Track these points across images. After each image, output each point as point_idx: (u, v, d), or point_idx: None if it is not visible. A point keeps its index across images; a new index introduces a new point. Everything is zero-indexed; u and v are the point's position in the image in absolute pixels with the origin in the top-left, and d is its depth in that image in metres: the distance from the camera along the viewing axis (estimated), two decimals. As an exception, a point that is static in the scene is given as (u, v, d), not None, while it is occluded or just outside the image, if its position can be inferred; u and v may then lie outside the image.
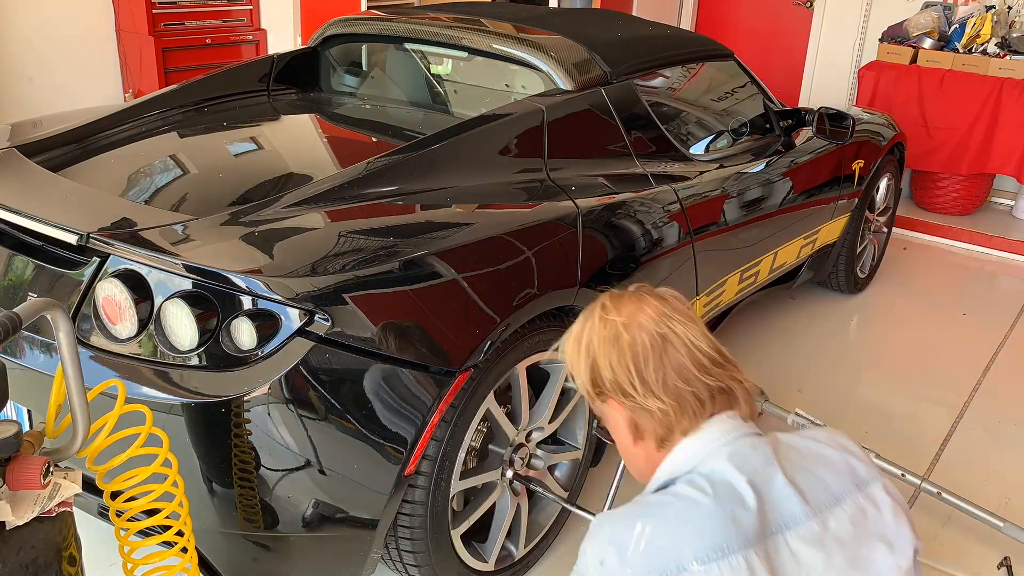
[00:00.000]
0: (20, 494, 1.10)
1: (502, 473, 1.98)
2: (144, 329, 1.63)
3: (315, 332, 1.59)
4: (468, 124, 2.19)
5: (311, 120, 2.73)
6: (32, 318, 1.10)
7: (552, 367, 2.05)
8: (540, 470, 2.08)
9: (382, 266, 1.70)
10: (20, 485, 1.09)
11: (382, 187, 1.96)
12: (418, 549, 1.81)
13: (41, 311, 1.13)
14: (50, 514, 1.12)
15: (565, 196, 2.16)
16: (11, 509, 1.08)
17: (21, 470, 1.09)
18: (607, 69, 2.53)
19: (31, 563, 1.08)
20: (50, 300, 1.15)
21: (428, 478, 1.75)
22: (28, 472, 1.09)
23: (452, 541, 1.87)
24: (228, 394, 1.56)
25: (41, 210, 1.77)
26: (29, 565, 1.08)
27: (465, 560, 1.93)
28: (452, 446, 1.77)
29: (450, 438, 1.75)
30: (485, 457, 1.98)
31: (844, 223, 3.61)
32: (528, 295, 1.90)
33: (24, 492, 1.10)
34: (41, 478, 1.09)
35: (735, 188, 2.77)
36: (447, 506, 1.82)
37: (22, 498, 1.10)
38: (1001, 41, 4.78)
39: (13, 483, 1.08)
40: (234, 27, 5.75)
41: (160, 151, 2.30)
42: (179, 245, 1.66)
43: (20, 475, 1.09)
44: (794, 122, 3.26)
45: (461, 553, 1.91)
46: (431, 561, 1.84)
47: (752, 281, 3.01)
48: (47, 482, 1.11)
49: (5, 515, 1.07)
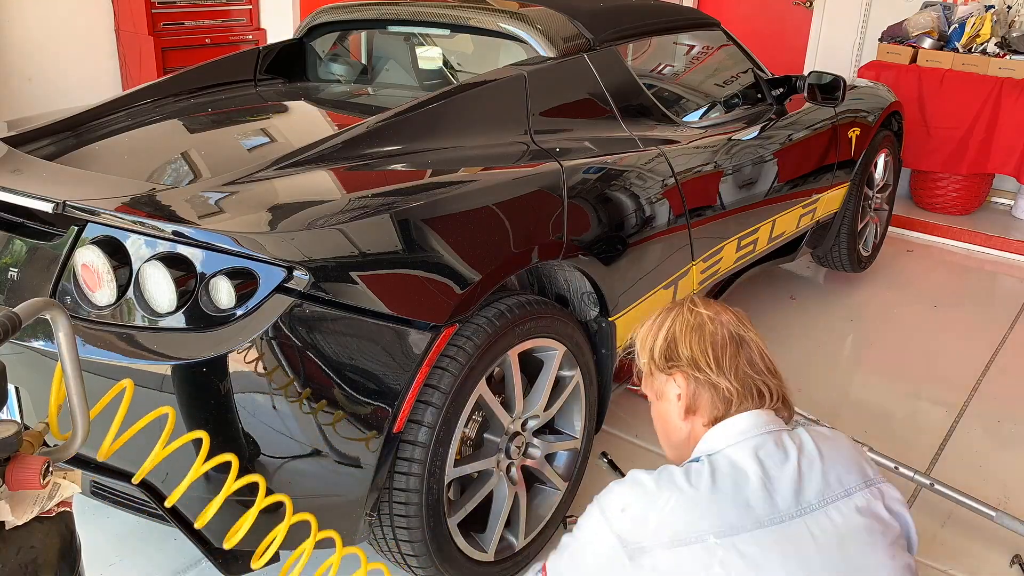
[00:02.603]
0: (19, 494, 1.09)
1: (497, 462, 1.99)
2: (123, 295, 1.63)
3: (295, 288, 1.58)
4: (448, 92, 2.20)
5: (295, 105, 2.76)
6: (31, 318, 1.10)
7: (546, 355, 2.06)
8: (537, 459, 2.08)
9: (362, 222, 1.70)
10: (20, 485, 1.09)
11: (362, 151, 1.97)
12: (415, 538, 1.81)
13: (41, 310, 1.13)
14: (49, 514, 1.12)
15: (549, 158, 2.17)
16: (10, 509, 1.08)
17: (21, 470, 1.09)
18: (590, 36, 2.57)
19: (31, 563, 1.08)
20: (50, 300, 1.15)
21: (422, 465, 1.75)
22: (28, 472, 1.09)
23: (449, 530, 1.88)
24: (209, 354, 1.56)
25: (17, 183, 1.77)
26: (29, 565, 1.08)
27: (464, 550, 1.93)
28: (445, 432, 1.77)
29: (443, 424, 1.75)
30: (480, 446, 1.98)
31: (843, 194, 3.64)
32: (513, 252, 1.91)
33: (24, 492, 1.10)
34: (41, 478, 1.09)
35: (725, 154, 2.80)
36: (442, 494, 1.82)
37: (21, 498, 1.10)
38: (1001, 41, 4.78)
39: (13, 483, 1.08)
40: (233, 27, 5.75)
41: (142, 134, 2.31)
42: (156, 208, 1.66)
43: (20, 475, 1.09)
44: (786, 90, 3.31)
45: (459, 543, 1.91)
46: (428, 550, 1.84)
47: (751, 250, 3.04)
48: (47, 482, 1.11)
49: (5, 515, 1.07)
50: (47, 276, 1.71)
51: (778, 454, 1.31)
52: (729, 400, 1.37)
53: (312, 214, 1.68)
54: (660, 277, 2.47)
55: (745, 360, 1.39)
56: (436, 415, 1.74)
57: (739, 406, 1.37)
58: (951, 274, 4.43)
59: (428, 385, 1.74)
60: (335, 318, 1.62)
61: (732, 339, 1.40)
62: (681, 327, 1.43)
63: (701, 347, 1.39)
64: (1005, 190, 5.32)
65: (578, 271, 2.20)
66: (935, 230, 4.88)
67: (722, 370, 1.37)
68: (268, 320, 1.57)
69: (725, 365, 1.38)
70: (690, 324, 1.42)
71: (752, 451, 1.31)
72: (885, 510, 1.31)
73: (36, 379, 1.74)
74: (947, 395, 3.14)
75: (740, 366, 1.38)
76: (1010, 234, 4.81)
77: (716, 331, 1.41)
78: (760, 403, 1.38)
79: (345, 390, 1.63)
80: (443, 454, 1.78)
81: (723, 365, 1.38)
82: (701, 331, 1.41)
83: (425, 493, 1.77)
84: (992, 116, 4.70)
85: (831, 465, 1.31)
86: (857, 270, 4.10)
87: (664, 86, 2.99)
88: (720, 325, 1.42)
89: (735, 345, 1.40)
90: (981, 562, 2.29)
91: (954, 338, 3.63)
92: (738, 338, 1.41)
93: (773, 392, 1.39)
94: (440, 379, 1.76)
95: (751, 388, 1.37)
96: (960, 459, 2.74)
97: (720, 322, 1.42)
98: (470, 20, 2.62)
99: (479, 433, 1.98)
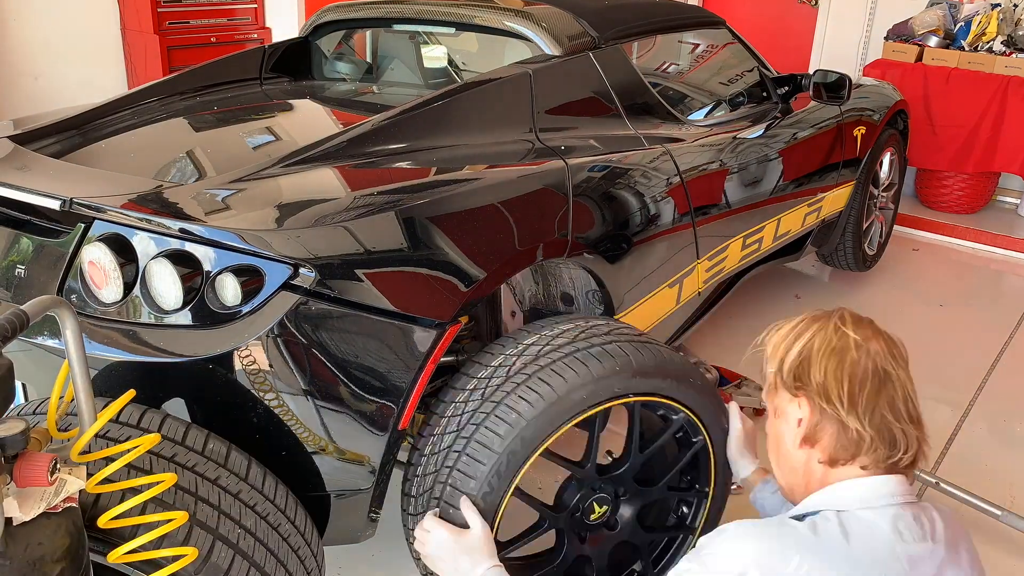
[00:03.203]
0: (27, 490, 1.10)
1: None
2: (130, 292, 1.64)
3: (301, 286, 1.59)
4: (454, 90, 2.21)
5: (300, 103, 2.76)
6: (39, 315, 1.11)
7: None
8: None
9: (367, 219, 1.70)
10: (27, 482, 1.09)
11: (367, 148, 1.97)
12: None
13: (48, 308, 1.13)
14: (56, 509, 1.13)
15: (554, 155, 2.17)
16: (18, 505, 1.08)
17: (28, 467, 1.09)
18: (595, 35, 2.56)
19: (39, 559, 1.08)
20: (57, 297, 1.16)
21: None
22: (35, 469, 1.10)
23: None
24: (215, 351, 1.57)
25: (24, 181, 1.78)
26: (37, 561, 1.08)
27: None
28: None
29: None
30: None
31: (848, 193, 3.63)
32: (518, 249, 1.91)
33: (31, 488, 1.10)
34: (48, 475, 1.10)
35: (730, 152, 2.79)
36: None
37: (29, 494, 1.10)
38: (1007, 39, 4.76)
39: (20, 480, 1.09)
40: (239, 25, 5.77)
41: (148, 132, 2.32)
42: (163, 205, 1.67)
43: (27, 472, 1.09)
44: (791, 88, 3.30)
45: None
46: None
47: (756, 248, 3.04)
48: (54, 479, 1.11)
49: (12, 511, 1.08)
50: (54, 273, 1.71)
51: (917, 530, 1.18)
52: (857, 444, 1.22)
53: (318, 212, 1.68)
54: (665, 275, 2.47)
55: (886, 402, 1.22)
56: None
57: (867, 455, 1.22)
58: (956, 273, 4.42)
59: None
60: (341, 315, 1.62)
61: (876, 374, 1.23)
62: (820, 345, 1.27)
63: (837, 376, 1.23)
64: (1011, 188, 5.31)
65: (583, 269, 2.20)
66: (941, 229, 4.87)
67: (855, 408, 1.21)
68: (274, 317, 1.57)
69: (860, 404, 1.21)
70: (831, 345, 1.26)
71: (892, 520, 1.17)
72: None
73: (41, 376, 1.75)
74: (953, 394, 3.13)
75: (878, 408, 1.22)
76: (1016, 233, 4.80)
77: (859, 360, 1.24)
78: (890, 454, 1.22)
79: (350, 387, 1.64)
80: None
81: (857, 403, 1.21)
82: (842, 357, 1.24)
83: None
84: (998, 114, 4.69)
85: (956, 554, 1.22)
86: (862, 269, 4.10)
87: (669, 84, 2.99)
88: (866, 355, 1.24)
89: (877, 383, 1.22)
90: (985, 562, 2.28)
91: (960, 337, 3.62)
92: (883, 374, 1.23)
93: (910, 445, 1.22)
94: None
95: (885, 435, 1.21)
96: (966, 458, 2.74)
97: (867, 351, 1.24)
98: (475, 18, 2.62)
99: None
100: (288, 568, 1.48)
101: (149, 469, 1.37)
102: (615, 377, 1.70)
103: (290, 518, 1.54)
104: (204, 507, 1.37)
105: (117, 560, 1.23)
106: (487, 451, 1.62)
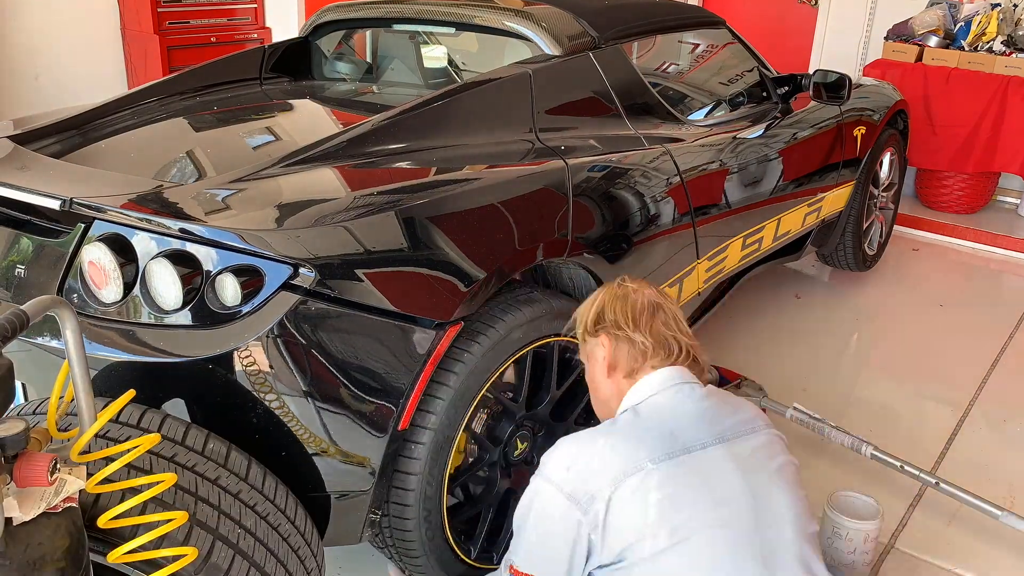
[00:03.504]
0: (27, 490, 1.10)
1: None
2: (130, 292, 1.64)
3: (301, 285, 1.59)
4: (453, 90, 2.21)
5: (300, 104, 2.76)
6: (39, 315, 1.11)
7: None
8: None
9: (367, 219, 1.70)
10: (27, 482, 1.09)
11: (367, 148, 1.98)
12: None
13: (48, 308, 1.13)
14: (56, 509, 1.13)
15: (554, 155, 2.18)
16: (18, 505, 1.08)
17: (28, 467, 1.09)
18: (595, 35, 2.57)
19: (39, 559, 1.09)
20: (57, 298, 1.16)
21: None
22: (35, 469, 1.10)
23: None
24: (215, 351, 1.57)
25: (24, 181, 1.78)
26: (37, 561, 1.08)
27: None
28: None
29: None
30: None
31: (848, 193, 3.63)
32: (518, 249, 1.91)
33: (31, 488, 1.10)
34: (48, 475, 1.10)
35: (730, 152, 2.79)
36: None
37: (28, 494, 1.10)
38: (1007, 39, 4.76)
39: (20, 480, 1.09)
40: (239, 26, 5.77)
41: (148, 132, 2.32)
42: (162, 205, 1.67)
43: (27, 472, 1.09)
44: (791, 88, 3.31)
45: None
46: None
47: (756, 248, 3.04)
48: (54, 479, 1.11)
49: (12, 511, 1.08)
50: (54, 273, 1.71)
51: (694, 396, 1.56)
52: (645, 352, 1.59)
53: (318, 211, 1.68)
54: (665, 275, 2.47)
55: (660, 322, 1.62)
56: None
57: (653, 358, 1.59)
58: (957, 273, 4.42)
59: None
60: (341, 315, 1.62)
61: (650, 305, 1.63)
62: (609, 296, 1.66)
63: (623, 310, 1.62)
64: (1011, 188, 5.31)
65: (583, 269, 2.20)
66: (941, 229, 4.87)
67: (639, 327, 1.60)
68: (274, 317, 1.57)
69: (642, 324, 1.60)
70: (616, 295, 1.66)
71: (671, 395, 1.55)
72: (781, 452, 1.59)
73: (39, 376, 1.75)
74: (953, 394, 3.13)
75: (655, 326, 1.61)
76: (1016, 233, 4.80)
77: (637, 298, 1.64)
78: (670, 356, 1.60)
79: (350, 388, 1.64)
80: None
81: (640, 324, 1.60)
82: (625, 299, 1.64)
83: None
84: (998, 114, 4.69)
85: (737, 410, 1.59)
86: (863, 269, 4.10)
87: (669, 84, 2.99)
88: (642, 295, 1.64)
89: (651, 311, 1.63)
90: (987, 561, 2.29)
91: (959, 337, 3.62)
92: (655, 306, 1.64)
93: (683, 347, 1.61)
94: None
95: (663, 342, 1.60)
96: (966, 458, 2.74)
97: (642, 293, 1.65)
98: (475, 18, 2.62)
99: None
100: (288, 568, 1.48)
101: (149, 469, 1.37)
102: (541, 319, 1.94)
103: (290, 518, 1.54)
104: (204, 507, 1.37)
105: (117, 560, 1.23)
106: (444, 387, 1.77)
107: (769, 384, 2.90)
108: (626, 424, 1.53)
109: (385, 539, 1.87)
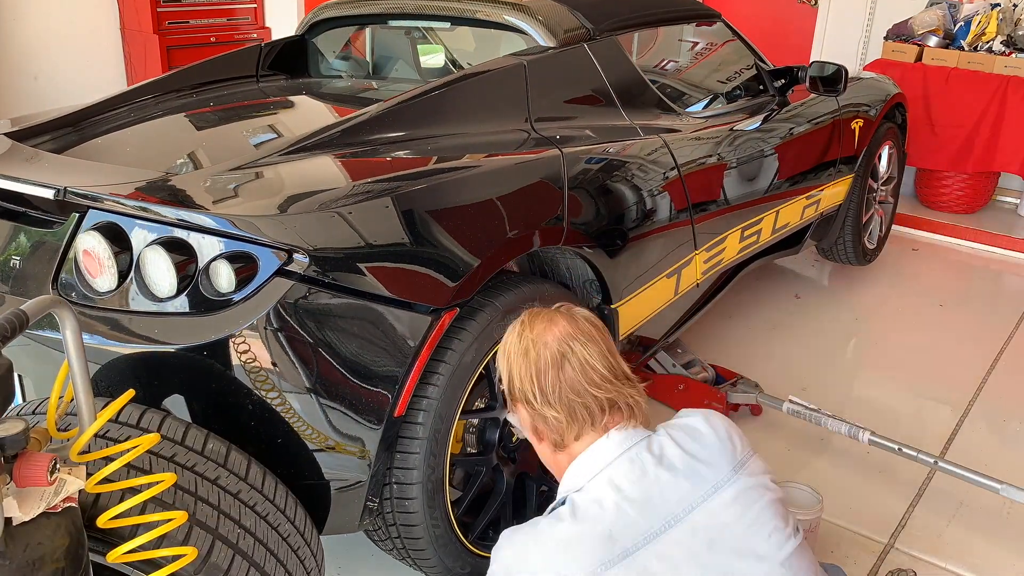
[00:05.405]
0: (27, 490, 1.10)
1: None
2: (124, 280, 1.64)
3: (295, 272, 1.59)
4: (450, 80, 2.22)
5: (297, 100, 2.78)
6: (39, 315, 1.11)
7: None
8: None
9: (362, 206, 1.70)
10: (27, 482, 1.09)
11: (363, 138, 1.98)
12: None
13: (48, 308, 1.13)
14: (55, 509, 1.13)
15: (550, 144, 2.18)
16: (18, 505, 1.08)
17: (28, 467, 1.09)
18: (590, 26, 2.59)
19: (39, 559, 1.08)
20: (57, 298, 1.16)
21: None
22: (35, 469, 1.09)
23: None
24: (209, 338, 1.57)
25: (19, 172, 1.78)
26: (36, 561, 1.08)
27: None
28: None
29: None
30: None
31: (847, 186, 3.63)
32: (513, 237, 1.91)
33: (31, 488, 1.10)
34: (48, 475, 1.10)
35: (727, 144, 2.80)
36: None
37: (28, 494, 1.10)
38: (1007, 39, 4.76)
39: (20, 480, 1.09)
40: (238, 25, 5.77)
41: (144, 128, 2.32)
42: (157, 193, 1.67)
43: (27, 472, 1.09)
44: (788, 81, 3.32)
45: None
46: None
47: (755, 240, 3.05)
48: (53, 479, 1.11)
49: (12, 511, 1.08)
50: (49, 264, 1.72)
51: (633, 472, 1.33)
52: (560, 427, 1.38)
53: (313, 199, 1.68)
54: (663, 266, 2.48)
55: (567, 382, 1.38)
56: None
57: (571, 431, 1.38)
58: (956, 273, 4.42)
59: None
60: (335, 301, 1.62)
61: (554, 361, 1.39)
62: (514, 355, 1.43)
63: (528, 375, 1.40)
64: (1011, 188, 5.31)
65: (580, 258, 2.20)
66: (940, 229, 4.87)
67: (546, 399, 1.38)
68: (268, 303, 1.57)
69: (549, 391, 1.38)
70: (519, 351, 1.42)
71: (607, 479, 1.33)
72: (758, 485, 1.35)
73: (38, 369, 1.75)
74: (952, 394, 3.13)
75: (562, 391, 1.38)
76: (1015, 233, 4.80)
77: (539, 355, 1.40)
78: (589, 422, 1.38)
79: (345, 374, 1.63)
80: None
81: (547, 392, 1.38)
82: (527, 357, 1.41)
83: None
84: (998, 114, 4.69)
85: (696, 464, 1.34)
86: (862, 263, 4.10)
87: (665, 77, 3.00)
88: (543, 347, 1.40)
89: (558, 364, 1.38)
90: (987, 561, 2.29)
91: (959, 337, 3.62)
92: (560, 356, 1.39)
93: (603, 405, 1.38)
94: None
95: (574, 412, 1.38)
96: (965, 457, 2.73)
97: (544, 343, 1.40)
98: (471, 13, 2.63)
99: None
100: (288, 568, 1.48)
101: (149, 469, 1.37)
102: (491, 326, 1.84)
103: (289, 518, 1.54)
104: (204, 507, 1.37)
105: (117, 560, 1.23)
106: (416, 440, 1.74)
107: (768, 384, 2.90)
108: (563, 525, 1.33)
109: (391, 535, 1.86)
